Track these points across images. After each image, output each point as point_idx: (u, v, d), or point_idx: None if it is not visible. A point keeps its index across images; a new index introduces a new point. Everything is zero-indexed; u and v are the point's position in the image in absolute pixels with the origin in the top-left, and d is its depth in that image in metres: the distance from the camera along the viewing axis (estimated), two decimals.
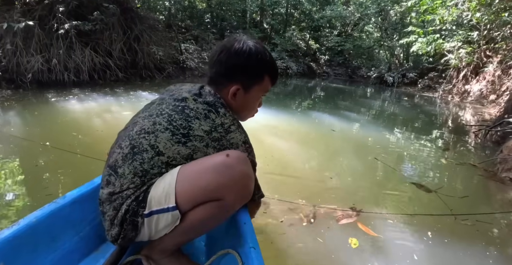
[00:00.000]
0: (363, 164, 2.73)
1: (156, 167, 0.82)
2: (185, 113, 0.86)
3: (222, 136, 0.87)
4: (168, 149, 0.83)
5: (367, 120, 5.09)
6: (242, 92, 0.96)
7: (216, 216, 0.83)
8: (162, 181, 0.81)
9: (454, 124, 5.29)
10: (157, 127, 0.84)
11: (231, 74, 0.93)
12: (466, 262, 1.41)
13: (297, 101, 6.67)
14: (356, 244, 1.46)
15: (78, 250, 0.97)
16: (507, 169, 2.53)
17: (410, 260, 1.37)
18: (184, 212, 0.81)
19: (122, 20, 6.80)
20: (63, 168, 1.98)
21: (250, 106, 1.03)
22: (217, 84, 0.96)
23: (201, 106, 0.87)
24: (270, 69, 0.98)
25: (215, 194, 0.79)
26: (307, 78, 13.53)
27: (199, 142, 0.85)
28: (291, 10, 16.57)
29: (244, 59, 0.91)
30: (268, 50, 0.98)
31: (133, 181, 0.82)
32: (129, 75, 6.78)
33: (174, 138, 0.83)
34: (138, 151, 0.82)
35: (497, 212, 1.93)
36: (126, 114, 3.36)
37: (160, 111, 0.87)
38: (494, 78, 8.45)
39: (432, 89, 11.08)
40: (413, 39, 10.49)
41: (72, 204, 0.97)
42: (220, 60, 0.93)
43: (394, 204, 1.96)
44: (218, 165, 0.79)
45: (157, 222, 0.81)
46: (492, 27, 8.68)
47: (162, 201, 0.79)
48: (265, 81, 0.98)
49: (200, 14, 13.22)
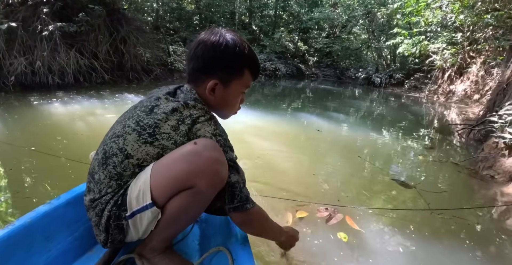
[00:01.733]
0: (347, 162, 2.77)
1: (128, 169, 0.82)
2: (153, 113, 0.83)
3: (189, 128, 0.82)
4: (136, 151, 0.81)
5: (354, 121, 5.14)
6: (221, 87, 0.91)
7: (192, 204, 0.81)
8: (138, 180, 0.81)
9: (439, 124, 5.39)
10: (126, 130, 0.83)
11: (208, 69, 0.89)
12: (442, 252, 1.43)
13: (285, 102, 6.69)
14: (346, 238, 1.50)
15: (73, 250, 0.98)
16: (488, 166, 2.59)
17: (391, 252, 1.38)
18: (162, 206, 0.81)
19: (108, 21, 6.72)
20: (40, 170, 1.94)
21: (231, 102, 0.98)
22: (195, 80, 0.92)
23: (171, 103, 0.84)
24: (250, 63, 0.93)
25: (186, 182, 0.78)
26: (296, 80, 13.61)
27: (166, 140, 0.81)
28: (279, 12, 16.66)
29: (221, 53, 0.87)
30: (248, 43, 0.93)
31: (109, 185, 0.82)
32: (115, 78, 6.69)
33: (140, 138, 0.81)
34: (109, 155, 0.83)
35: (473, 207, 1.97)
36: (110, 117, 3.32)
37: (132, 114, 0.87)
38: (477, 78, 8.66)
39: (418, 90, 11.28)
40: (399, 41, 10.68)
41: (67, 205, 0.98)
42: (196, 55, 0.89)
43: (376, 200, 2.00)
44: (186, 154, 0.78)
45: (141, 221, 0.82)
46: (475, 29, 8.89)
47: (140, 200, 0.79)
48: (245, 76, 0.93)
49: (188, 16, 13.17)
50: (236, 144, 0.96)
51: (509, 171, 2.44)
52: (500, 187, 2.33)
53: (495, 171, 2.52)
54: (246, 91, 1.00)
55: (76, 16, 5.99)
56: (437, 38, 10.14)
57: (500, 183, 2.40)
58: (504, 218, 1.91)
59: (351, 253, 1.39)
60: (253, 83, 1.02)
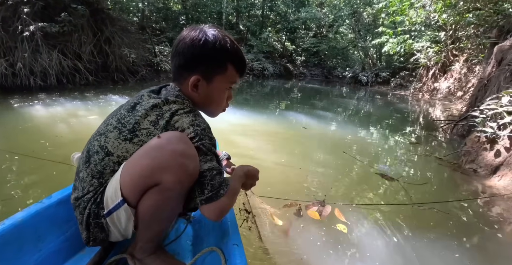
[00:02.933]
0: (332, 158, 2.80)
1: (108, 167, 0.81)
2: (135, 110, 0.83)
3: (167, 121, 0.80)
4: (116, 148, 0.80)
5: (341, 118, 5.19)
6: (204, 84, 0.90)
7: (162, 201, 0.78)
8: (113, 178, 0.80)
9: (424, 121, 5.49)
10: (108, 128, 0.83)
11: (189, 65, 0.88)
12: (426, 244, 1.45)
13: (273, 102, 6.70)
14: (345, 229, 1.53)
15: (64, 250, 0.97)
16: (471, 160, 2.65)
17: (375, 245, 1.39)
18: (135, 204, 0.79)
19: (92, 21, 6.59)
20: (21, 173, 1.88)
21: (217, 99, 0.95)
22: (179, 77, 0.91)
23: (152, 100, 0.84)
24: (233, 58, 0.90)
25: (151, 179, 0.74)
26: (284, 79, 13.66)
27: (146, 136, 0.80)
28: (267, 12, 16.71)
29: (201, 48, 0.85)
30: (232, 39, 0.90)
31: (91, 183, 0.81)
32: (100, 79, 6.57)
33: (121, 135, 0.81)
34: (92, 153, 0.82)
35: (455, 200, 2.01)
36: (92, 119, 3.25)
37: (116, 112, 0.87)
38: (460, 75, 8.87)
39: (404, 88, 11.48)
40: (384, 40, 10.85)
41: (58, 204, 0.97)
42: (178, 52, 0.87)
43: (360, 194, 2.03)
44: (149, 149, 0.75)
45: (118, 219, 0.80)
46: (457, 28, 9.11)
47: (113, 198, 0.78)
48: (228, 71, 0.91)
49: (174, 16, 13.06)
50: (221, 143, 0.94)
51: (491, 164, 2.49)
52: (482, 180, 2.38)
53: (477, 164, 2.57)
54: (233, 87, 0.98)
55: (58, 16, 5.85)
56: (421, 37, 10.36)
57: (482, 176, 2.46)
58: (485, 210, 1.95)
59: (346, 245, 1.39)
60: (241, 83, 0.99)
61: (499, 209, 1.95)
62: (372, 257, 1.34)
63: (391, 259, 1.36)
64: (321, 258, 1.32)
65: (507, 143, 2.48)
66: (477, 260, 1.39)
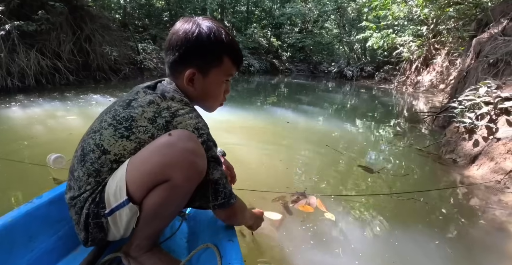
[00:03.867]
0: (315, 151, 2.82)
1: (105, 165, 0.80)
2: (130, 106, 0.81)
3: (167, 121, 0.78)
4: (113, 146, 0.79)
5: (326, 113, 5.22)
6: (200, 77, 0.88)
7: (169, 198, 0.78)
8: (115, 176, 0.78)
9: (407, 113, 5.58)
10: (102, 125, 0.81)
11: (185, 59, 0.85)
12: (405, 234, 1.47)
13: (259, 98, 6.69)
14: (333, 216, 1.51)
15: (56, 250, 0.96)
16: (450, 150, 2.70)
17: (357, 234, 1.40)
18: (140, 202, 0.78)
19: (71, 19, 6.40)
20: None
21: (213, 93, 0.94)
22: (174, 72, 0.89)
23: (148, 96, 0.82)
24: (228, 50, 0.88)
25: (161, 176, 0.74)
26: (270, 75, 13.65)
27: (143, 133, 0.78)
28: (251, 7, 16.61)
29: (195, 40, 0.83)
30: (227, 30, 0.88)
31: (88, 182, 0.80)
32: (81, 78, 6.40)
33: (117, 133, 0.79)
34: (87, 151, 0.81)
35: (433, 189, 2.06)
36: (70, 119, 3.18)
37: (110, 109, 0.85)
38: (442, 69, 9.06)
39: (388, 82, 11.64)
40: (368, 35, 10.96)
41: (49, 204, 0.96)
42: (171, 46, 0.85)
43: (341, 186, 2.06)
44: (160, 146, 0.74)
45: (120, 218, 0.79)
46: (438, 22, 9.27)
47: (118, 196, 0.77)
48: (225, 64, 0.88)
49: (158, 13, 12.82)
50: None
51: (470, 154, 2.55)
52: (461, 170, 2.44)
53: (457, 154, 2.63)
54: (230, 80, 0.96)
55: (35, 14, 5.66)
56: (404, 31, 10.50)
57: (461, 166, 2.51)
58: (464, 199, 2.00)
59: (330, 236, 1.40)
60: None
61: (477, 197, 2.00)
62: (354, 247, 1.36)
63: (372, 248, 1.37)
64: (312, 248, 1.32)
65: (484, 132, 2.54)
66: (457, 248, 1.42)
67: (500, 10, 4.45)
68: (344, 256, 1.29)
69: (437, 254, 1.36)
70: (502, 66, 3.17)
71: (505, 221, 1.71)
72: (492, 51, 3.50)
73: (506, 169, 2.18)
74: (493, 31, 4.00)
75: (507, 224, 1.68)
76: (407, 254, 1.35)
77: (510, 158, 2.22)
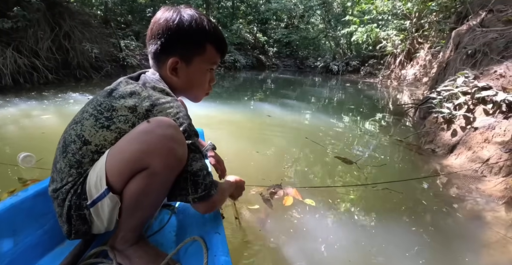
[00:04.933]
0: (295, 143, 2.83)
1: (86, 156, 0.79)
2: (111, 96, 0.80)
3: (147, 109, 0.77)
4: (94, 136, 0.78)
5: (311, 107, 5.23)
6: (184, 66, 0.87)
7: (149, 186, 0.76)
8: (95, 167, 0.78)
9: (391, 106, 5.64)
10: (84, 116, 0.81)
11: (166, 48, 0.85)
12: (381, 222, 1.48)
13: (245, 94, 6.65)
14: (313, 203, 1.50)
15: (42, 244, 0.95)
16: (429, 141, 2.74)
17: (333, 225, 1.40)
18: (120, 191, 0.77)
19: (49, 16, 6.20)
20: None
21: (198, 81, 0.93)
22: (157, 62, 0.88)
23: (130, 86, 0.81)
24: (211, 37, 0.87)
25: (140, 163, 0.73)
26: (256, 71, 13.61)
27: (123, 123, 0.77)
28: (237, 3, 16.48)
29: (176, 28, 0.82)
30: (210, 18, 0.88)
31: (70, 174, 0.79)
32: (61, 77, 6.22)
33: (97, 123, 0.78)
34: (68, 142, 0.80)
35: (409, 179, 2.08)
36: (45, 118, 3.09)
37: (92, 100, 0.84)
38: (425, 62, 9.20)
39: (373, 76, 11.76)
40: (353, 29, 11.04)
41: (35, 197, 0.95)
42: (153, 34, 0.85)
43: (318, 177, 2.07)
44: (138, 133, 0.74)
45: (102, 209, 0.79)
46: (421, 16, 9.40)
47: (98, 187, 0.76)
48: (208, 52, 0.88)
49: (141, 9, 12.60)
50: None
51: (448, 143, 2.59)
52: (440, 160, 2.47)
53: (435, 144, 2.67)
54: (215, 69, 0.96)
55: (10, 11, 5.46)
56: (388, 25, 10.61)
57: (440, 155, 2.55)
58: (441, 188, 2.03)
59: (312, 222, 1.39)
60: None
61: (454, 186, 2.03)
62: (331, 237, 1.35)
63: (348, 237, 1.37)
64: (292, 238, 1.31)
65: (462, 122, 2.58)
66: (433, 236, 1.44)
67: (479, 3, 4.52)
68: (321, 246, 1.29)
69: (413, 242, 1.37)
70: (480, 57, 3.22)
71: (481, 209, 1.74)
72: (470, 43, 3.56)
73: (483, 157, 2.22)
74: (472, 23, 4.06)
75: (483, 212, 1.70)
76: (382, 242, 1.35)
77: (487, 147, 2.26)
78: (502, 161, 2.07)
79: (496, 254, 1.32)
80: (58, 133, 0.88)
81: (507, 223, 1.57)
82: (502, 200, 1.80)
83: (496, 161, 2.11)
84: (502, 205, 1.76)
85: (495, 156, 2.14)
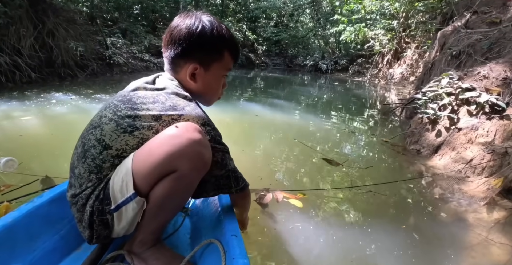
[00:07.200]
0: (282, 144, 2.82)
1: (107, 161, 0.80)
2: (131, 102, 0.81)
3: (173, 119, 0.80)
4: (115, 141, 0.79)
5: (300, 106, 5.24)
6: (202, 72, 0.90)
7: (176, 189, 0.79)
8: (120, 171, 0.78)
9: (378, 105, 5.70)
10: (102, 120, 0.81)
11: (187, 53, 0.87)
12: (368, 224, 1.49)
13: (233, 93, 6.61)
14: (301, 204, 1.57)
15: (59, 249, 0.96)
16: (414, 141, 2.77)
17: (318, 227, 1.40)
18: (146, 195, 0.79)
19: (31, 12, 6.04)
20: None
21: (213, 87, 0.96)
22: (175, 67, 0.90)
23: (150, 93, 0.83)
24: (229, 45, 0.91)
25: (168, 166, 0.76)
26: (246, 69, 13.57)
27: (147, 129, 0.79)
28: (226, 1, 16.37)
29: (198, 35, 0.85)
30: (226, 25, 0.92)
31: (89, 179, 0.80)
32: (45, 76, 6.06)
33: (119, 128, 0.79)
34: (88, 147, 0.81)
35: (390, 182, 2.10)
36: (24, 120, 2.98)
37: (109, 104, 0.85)
38: (412, 61, 9.34)
39: (361, 74, 11.88)
40: (342, 28, 11.10)
41: (50, 203, 0.96)
42: (173, 40, 0.86)
43: (303, 179, 2.07)
44: (167, 138, 0.76)
45: (126, 213, 0.80)
46: (408, 16, 9.52)
47: (124, 191, 0.77)
48: (225, 58, 0.92)
49: (128, 5, 12.34)
50: None
51: (433, 144, 2.63)
52: (424, 160, 2.51)
53: (420, 145, 2.70)
54: (228, 74, 0.99)
55: None
56: (376, 25, 10.72)
57: (425, 156, 2.58)
58: (425, 189, 2.05)
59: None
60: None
61: (438, 187, 2.06)
62: (315, 239, 1.35)
63: (335, 241, 1.37)
64: (277, 238, 1.30)
65: (447, 123, 2.62)
66: (415, 238, 1.45)
67: (464, 4, 4.59)
68: (307, 246, 1.28)
69: (394, 245, 1.38)
70: (464, 58, 3.28)
71: (464, 211, 1.76)
72: (455, 44, 3.61)
73: (466, 158, 2.25)
74: (457, 24, 4.12)
75: (466, 214, 1.73)
76: (367, 245, 1.36)
77: (470, 147, 2.30)
78: (485, 162, 2.11)
79: (478, 256, 1.34)
80: (37, 136, 0.86)
81: (488, 225, 1.60)
82: (483, 201, 1.83)
83: (479, 161, 2.15)
84: (483, 206, 1.79)
85: (478, 157, 2.18)
